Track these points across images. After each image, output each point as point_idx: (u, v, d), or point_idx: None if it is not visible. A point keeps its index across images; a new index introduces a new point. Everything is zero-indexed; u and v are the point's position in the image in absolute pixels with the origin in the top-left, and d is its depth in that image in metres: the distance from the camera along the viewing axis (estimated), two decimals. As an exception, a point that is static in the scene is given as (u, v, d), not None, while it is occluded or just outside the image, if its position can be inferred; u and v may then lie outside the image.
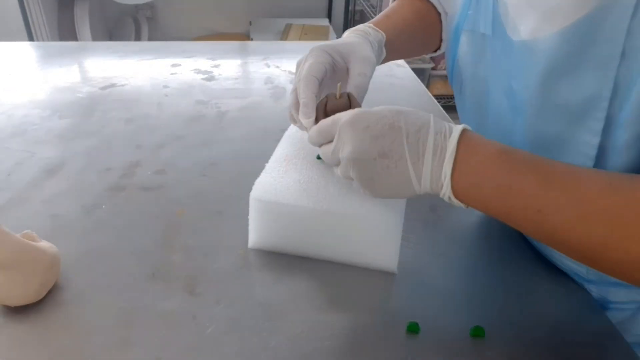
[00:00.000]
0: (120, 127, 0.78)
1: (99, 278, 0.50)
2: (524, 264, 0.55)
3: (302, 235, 0.53)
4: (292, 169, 0.55)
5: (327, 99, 0.53)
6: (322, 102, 0.53)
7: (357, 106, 0.51)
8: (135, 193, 0.62)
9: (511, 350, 0.44)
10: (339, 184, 0.53)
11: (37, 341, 0.44)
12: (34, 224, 0.54)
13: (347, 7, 2.50)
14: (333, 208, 0.50)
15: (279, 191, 0.52)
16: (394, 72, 1.02)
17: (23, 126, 0.76)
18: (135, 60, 1.02)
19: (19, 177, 0.64)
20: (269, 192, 0.52)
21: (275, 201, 0.51)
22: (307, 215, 0.51)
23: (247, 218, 0.53)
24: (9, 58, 1.02)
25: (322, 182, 0.53)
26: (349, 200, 0.51)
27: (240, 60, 1.06)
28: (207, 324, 0.46)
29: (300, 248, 0.53)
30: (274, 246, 0.54)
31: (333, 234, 0.52)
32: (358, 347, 0.44)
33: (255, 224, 0.53)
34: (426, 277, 0.52)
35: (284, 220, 0.52)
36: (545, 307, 0.49)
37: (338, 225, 0.51)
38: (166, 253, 0.53)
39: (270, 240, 0.54)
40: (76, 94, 0.87)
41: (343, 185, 0.53)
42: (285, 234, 0.53)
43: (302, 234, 0.53)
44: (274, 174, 0.54)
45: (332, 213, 0.50)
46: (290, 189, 0.52)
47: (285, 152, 0.58)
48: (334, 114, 0.49)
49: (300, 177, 0.54)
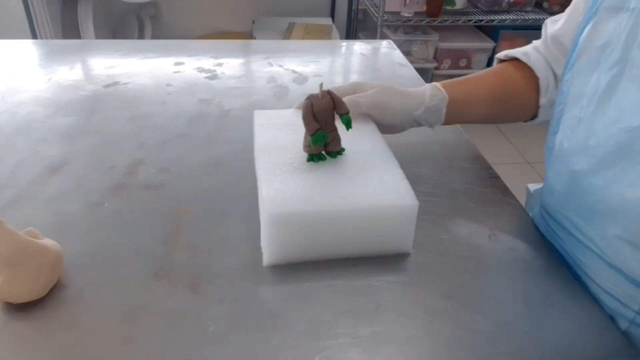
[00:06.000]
0: (123, 125, 0.78)
1: (102, 276, 0.50)
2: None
3: (323, 240, 0.51)
4: (288, 177, 0.53)
5: (312, 101, 0.54)
6: (308, 106, 0.54)
7: (339, 102, 0.55)
8: (138, 191, 0.63)
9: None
10: (339, 181, 0.53)
11: (40, 338, 0.44)
12: (37, 221, 0.54)
13: (350, 6, 2.49)
14: (353, 205, 0.50)
15: (292, 201, 0.50)
16: (398, 72, 1.02)
17: (26, 124, 0.77)
18: (139, 58, 1.02)
19: (22, 174, 0.64)
20: (283, 204, 0.50)
21: (295, 212, 0.49)
22: (328, 219, 0.50)
23: (251, 217, 0.53)
24: (12, 56, 1.02)
25: (325, 183, 0.53)
26: (360, 194, 0.51)
27: (243, 59, 1.06)
28: (209, 322, 0.46)
29: (320, 253, 0.52)
30: (292, 258, 0.52)
31: (354, 230, 0.51)
32: (359, 346, 0.44)
33: (273, 239, 0.50)
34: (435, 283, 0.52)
35: (305, 229, 0.50)
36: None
37: (359, 221, 0.51)
38: (169, 251, 0.53)
39: (289, 253, 0.51)
40: (79, 92, 0.87)
41: (344, 183, 0.53)
42: (306, 242, 0.51)
43: (323, 239, 0.51)
44: (275, 186, 0.52)
45: (353, 210, 0.50)
46: (301, 197, 0.51)
47: (271, 161, 0.56)
48: (321, 115, 0.54)
49: (301, 183, 0.52)
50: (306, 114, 0.54)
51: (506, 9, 2.21)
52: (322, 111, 0.54)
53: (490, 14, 2.18)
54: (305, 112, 0.54)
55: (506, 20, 2.15)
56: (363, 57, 1.11)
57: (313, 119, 0.54)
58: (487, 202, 0.64)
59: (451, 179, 0.68)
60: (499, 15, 2.17)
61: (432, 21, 2.15)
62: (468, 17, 2.17)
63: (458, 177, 0.68)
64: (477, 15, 2.18)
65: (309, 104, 0.54)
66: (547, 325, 0.47)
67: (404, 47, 2.23)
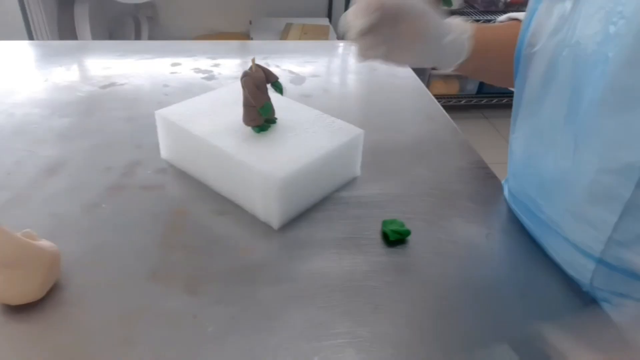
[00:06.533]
0: (120, 126, 0.78)
1: (99, 277, 0.50)
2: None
3: (310, 188, 0.59)
4: (259, 149, 0.58)
5: (249, 75, 0.58)
6: (250, 81, 0.57)
7: (268, 72, 0.59)
8: (135, 192, 0.62)
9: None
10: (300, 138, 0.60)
11: (37, 340, 0.44)
12: (34, 222, 0.54)
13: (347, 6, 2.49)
14: (325, 150, 0.58)
15: (284, 164, 0.55)
16: (395, 71, 1.02)
17: (23, 125, 0.76)
18: (136, 59, 1.02)
19: (19, 176, 0.64)
20: (281, 169, 0.55)
21: (293, 171, 0.55)
22: (313, 168, 0.57)
23: (250, 217, 0.53)
24: (8, 57, 1.01)
25: (291, 143, 0.59)
26: (323, 140, 0.60)
27: (240, 59, 1.06)
28: (207, 323, 0.46)
29: (310, 201, 0.60)
30: (295, 213, 0.59)
31: (328, 172, 0.60)
32: (357, 347, 0.44)
33: (282, 202, 0.56)
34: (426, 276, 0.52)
35: (301, 183, 0.57)
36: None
37: (330, 162, 0.60)
38: (167, 252, 0.53)
39: (292, 209, 0.58)
40: (76, 92, 0.87)
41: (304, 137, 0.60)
42: (301, 194, 0.58)
43: (310, 187, 0.59)
44: (257, 159, 0.56)
45: (327, 154, 0.58)
46: (286, 159, 0.56)
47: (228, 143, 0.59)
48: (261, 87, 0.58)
49: (273, 149, 0.58)
50: (252, 89, 0.57)
51: (503, 9, 2.22)
52: (260, 83, 0.58)
53: (487, 14, 2.19)
54: (252, 87, 0.57)
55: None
56: (360, 58, 1.11)
57: (259, 92, 0.58)
58: (485, 201, 0.64)
59: (448, 178, 0.68)
60: (495, 15, 2.18)
61: (429, 21, 2.15)
62: (465, 17, 2.17)
63: (455, 177, 0.69)
64: (474, 15, 2.19)
65: (250, 80, 0.57)
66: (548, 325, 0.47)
67: (401, 48, 2.22)
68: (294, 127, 0.63)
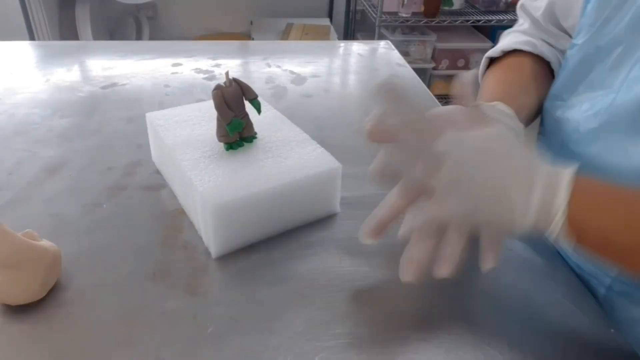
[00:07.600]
0: (121, 126, 0.78)
1: (100, 277, 0.50)
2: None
3: (263, 219, 0.54)
4: (215, 168, 0.54)
5: (221, 90, 0.55)
6: (219, 95, 0.54)
7: (246, 87, 0.56)
8: (136, 192, 0.62)
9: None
10: (265, 162, 0.56)
11: (38, 340, 0.44)
12: (35, 223, 0.54)
13: (348, 6, 2.50)
14: (286, 180, 0.53)
15: (229, 189, 0.51)
16: (396, 71, 1.02)
17: (24, 125, 0.76)
18: (136, 59, 1.02)
19: (20, 176, 0.64)
20: (222, 194, 0.51)
21: (236, 198, 0.51)
22: (266, 197, 0.53)
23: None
24: (10, 57, 1.02)
25: (253, 166, 0.55)
26: (289, 168, 0.55)
27: (241, 60, 1.06)
28: (207, 323, 0.46)
29: (262, 233, 0.55)
30: (239, 244, 0.54)
31: (290, 203, 0.55)
32: (358, 347, 0.44)
33: (219, 230, 0.51)
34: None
35: (247, 212, 0.52)
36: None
37: (293, 193, 0.54)
38: (167, 252, 0.53)
39: (235, 240, 0.53)
40: (77, 93, 0.87)
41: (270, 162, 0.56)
42: (248, 225, 0.53)
43: (263, 218, 0.54)
44: (207, 179, 0.52)
45: (288, 184, 0.53)
46: (236, 183, 0.52)
47: (191, 157, 0.56)
48: (233, 102, 0.55)
49: (230, 171, 0.54)
50: (219, 103, 0.55)
51: (504, 9, 2.21)
52: (233, 99, 0.55)
53: (488, 14, 2.18)
54: (218, 101, 0.55)
55: (504, 20, 2.15)
56: (361, 58, 1.11)
57: (227, 107, 0.55)
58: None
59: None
60: (496, 15, 2.17)
61: (430, 21, 2.16)
62: (466, 17, 2.18)
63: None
64: (475, 15, 2.19)
65: (219, 94, 0.55)
66: (549, 326, 0.47)
67: (402, 48, 2.23)
68: (269, 149, 0.58)
